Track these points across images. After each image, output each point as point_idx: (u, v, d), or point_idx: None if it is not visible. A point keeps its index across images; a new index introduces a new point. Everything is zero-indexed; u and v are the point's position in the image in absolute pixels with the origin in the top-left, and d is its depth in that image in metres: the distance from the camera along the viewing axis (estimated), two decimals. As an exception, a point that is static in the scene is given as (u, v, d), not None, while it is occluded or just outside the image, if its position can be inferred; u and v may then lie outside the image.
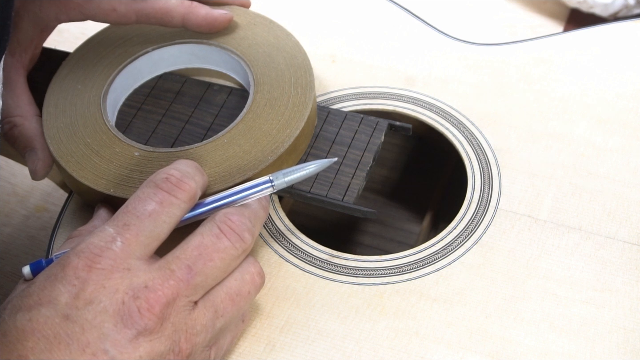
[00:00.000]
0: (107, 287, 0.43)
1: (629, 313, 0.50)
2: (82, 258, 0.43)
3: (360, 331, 0.49)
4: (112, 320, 0.43)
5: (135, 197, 0.46)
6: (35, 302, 0.43)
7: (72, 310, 0.42)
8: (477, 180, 0.57)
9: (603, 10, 0.71)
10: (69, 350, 0.42)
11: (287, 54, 0.59)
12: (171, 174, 0.47)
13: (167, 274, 0.44)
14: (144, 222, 0.45)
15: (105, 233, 0.44)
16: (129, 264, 0.44)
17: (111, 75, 0.60)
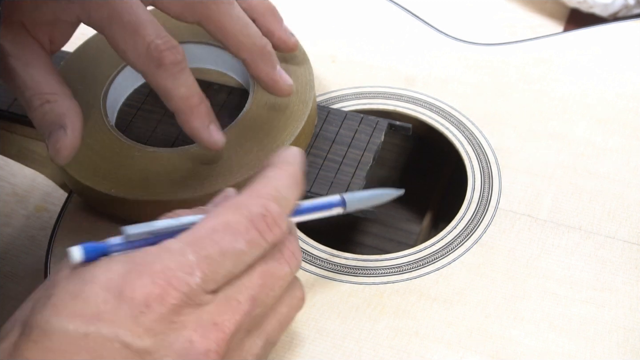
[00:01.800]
0: (175, 322, 0.40)
1: (629, 312, 0.50)
2: (157, 286, 0.39)
3: (360, 331, 0.49)
4: (175, 356, 0.40)
5: (224, 225, 0.41)
6: (94, 315, 0.39)
7: (133, 339, 0.39)
8: (477, 180, 0.57)
9: (603, 10, 0.71)
10: None
11: (287, 54, 0.59)
12: (270, 211, 0.42)
13: (233, 306, 0.41)
14: (226, 261, 0.41)
15: (186, 261, 0.40)
16: (200, 299, 0.40)
17: (111, 75, 0.60)
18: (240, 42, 0.54)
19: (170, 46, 0.50)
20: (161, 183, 0.54)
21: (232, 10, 0.54)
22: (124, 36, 0.50)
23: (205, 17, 0.53)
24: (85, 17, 0.51)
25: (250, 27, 0.55)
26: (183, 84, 0.51)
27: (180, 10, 0.53)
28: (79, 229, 0.55)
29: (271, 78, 0.56)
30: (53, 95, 0.51)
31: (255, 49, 0.55)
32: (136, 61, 0.50)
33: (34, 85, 0.51)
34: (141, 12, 0.50)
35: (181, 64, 0.50)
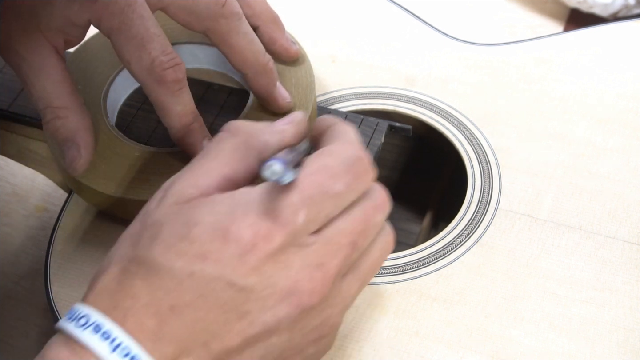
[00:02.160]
0: (280, 261, 0.40)
1: (629, 312, 0.50)
2: (263, 225, 0.40)
3: (360, 330, 0.49)
4: (279, 296, 0.40)
5: (324, 167, 0.42)
6: (201, 255, 0.40)
7: (239, 277, 0.40)
8: (477, 180, 0.57)
9: (603, 10, 0.71)
10: (226, 315, 0.40)
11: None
12: (363, 157, 0.43)
13: (335, 250, 0.41)
14: (327, 202, 0.41)
15: (291, 201, 0.40)
16: (303, 240, 0.41)
17: (111, 76, 0.60)
18: (245, 58, 0.55)
19: (174, 64, 0.51)
20: (161, 184, 0.53)
21: (240, 27, 0.54)
22: (130, 47, 0.51)
23: (213, 30, 0.54)
24: (95, 22, 0.51)
25: (256, 43, 0.55)
26: (180, 102, 0.52)
27: (188, 19, 0.54)
28: (79, 229, 0.55)
29: (270, 94, 0.56)
30: (64, 110, 0.53)
31: (257, 66, 0.55)
32: (139, 73, 0.51)
33: (46, 96, 0.52)
34: (150, 25, 0.51)
35: (181, 82, 0.52)
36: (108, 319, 0.39)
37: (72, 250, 0.54)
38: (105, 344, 0.39)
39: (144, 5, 0.51)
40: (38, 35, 0.52)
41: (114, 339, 0.39)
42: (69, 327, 0.40)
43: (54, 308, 0.52)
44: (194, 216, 0.41)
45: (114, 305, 0.40)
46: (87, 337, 0.39)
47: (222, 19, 0.53)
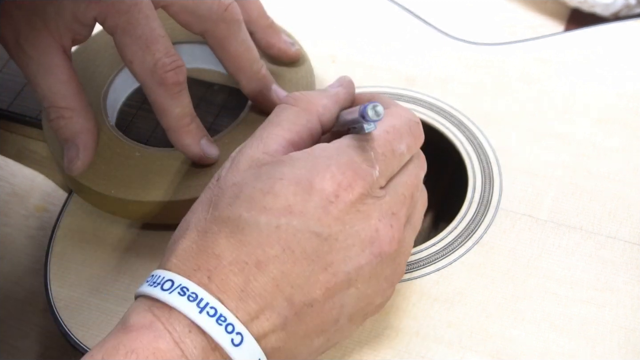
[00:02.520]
0: (361, 211, 0.43)
1: (629, 313, 0.50)
2: (346, 176, 0.42)
3: (360, 331, 0.49)
4: (361, 245, 0.42)
5: (393, 127, 0.45)
6: (285, 208, 0.41)
7: (323, 228, 0.42)
8: (477, 180, 0.56)
9: (604, 9, 0.71)
10: (311, 267, 0.41)
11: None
12: (418, 122, 0.47)
13: (401, 201, 0.45)
14: (393, 161, 0.45)
15: (368, 156, 0.43)
16: (376, 192, 0.44)
17: (111, 76, 0.60)
18: (239, 65, 0.55)
19: (176, 66, 0.51)
20: (161, 184, 0.54)
21: (239, 34, 0.55)
22: (134, 48, 0.51)
23: (211, 33, 0.55)
24: (101, 20, 0.52)
25: (251, 51, 0.56)
26: (179, 104, 0.52)
27: (188, 20, 0.54)
28: (79, 229, 0.55)
29: (265, 100, 0.57)
30: (68, 110, 0.53)
31: (251, 73, 0.56)
32: (140, 73, 0.52)
33: (52, 96, 0.53)
34: (156, 26, 0.51)
35: (182, 85, 0.52)
36: (192, 281, 0.40)
37: (72, 250, 0.54)
38: (193, 305, 0.40)
39: (149, 5, 0.51)
40: (46, 34, 0.52)
41: (201, 300, 0.40)
42: (154, 292, 0.41)
43: (54, 308, 0.51)
44: (275, 173, 0.43)
45: (198, 266, 0.41)
46: (174, 299, 0.40)
47: (223, 23, 0.54)
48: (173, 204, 0.53)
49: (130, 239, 0.55)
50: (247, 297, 0.40)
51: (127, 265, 0.53)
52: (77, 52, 0.61)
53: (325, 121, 0.48)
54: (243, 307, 0.40)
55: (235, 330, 0.40)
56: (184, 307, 0.40)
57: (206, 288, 0.40)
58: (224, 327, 0.40)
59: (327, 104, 0.48)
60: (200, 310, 0.39)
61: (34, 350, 0.63)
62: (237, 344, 0.40)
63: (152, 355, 0.39)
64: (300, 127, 0.46)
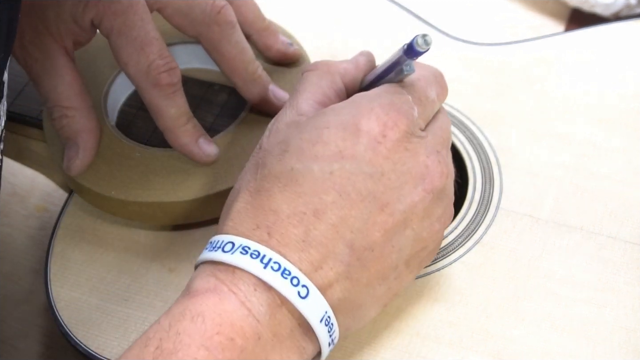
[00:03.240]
0: (409, 149, 0.44)
1: (630, 313, 0.50)
2: (390, 116, 0.43)
3: (361, 331, 0.49)
4: (413, 182, 0.43)
5: (423, 76, 0.47)
6: (336, 154, 0.42)
7: (375, 168, 0.42)
8: (478, 180, 0.56)
9: (604, 9, 0.71)
10: (368, 209, 0.42)
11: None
12: (442, 73, 0.49)
13: (441, 141, 0.46)
14: (428, 105, 0.46)
15: (407, 98, 0.45)
16: (420, 132, 0.45)
17: (111, 76, 0.60)
18: (234, 67, 0.56)
19: (169, 68, 0.52)
20: (162, 184, 0.53)
21: (233, 36, 0.55)
22: (128, 49, 0.52)
23: (205, 37, 0.55)
24: (97, 21, 0.52)
25: (246, 53, 0.56)
26: (174, 105, 0.53)
27: (182, 22, 0.55)
28: (79, 229, 0.55)
29: (263, 100, 0.57)
30: (71, 110, 0.54)
31: (246, 75, 0.56)
32: (135, 75, 0.52)
33: (56, 96, 0.53)
34: (150, 29, 0.52)
35: (176, 86, 0.53)
36: (252, 239, 0.41)
37: (72, 250, 0.54)
38: (256, 262, 0.40)
39: (145, 8, 0.52)
40: (48, 37, 0.53)
41: (264, 256, 0.40)
42: (216, 256, 0.41)
43: (54, 308, 0.51)
44: (320, 123, 0.43)
45: (256, 225, 0.41)
46: (237, 259, 0.40)
47: (216, 26, 0.54)
48: (174, 204, 0.53)
49: (130, 239, 0.55)
50: (308, 246, 0.41)
51: (127, 265, 0.53)
52: (77, 52, 0.61)
53: (347, 82, 0.49)
54: (306, 257, 0.41)
55: (300, 283, 0.40)
56: (248, 264, 0.40)
57: (267, 244, 0.41)
58: (289, 281, 0.40)
59: (347, 67, 0.49)
60: (265, 266, 0.40)
61: (34, 350, 0.63)
62: (304, 296, 0.40)
63: (218, 317, 0.39)
64: (326, 87, 0.48)
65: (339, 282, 0.42)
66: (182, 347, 0.38)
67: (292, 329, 0.41)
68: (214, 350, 0.38)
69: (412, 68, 0.44)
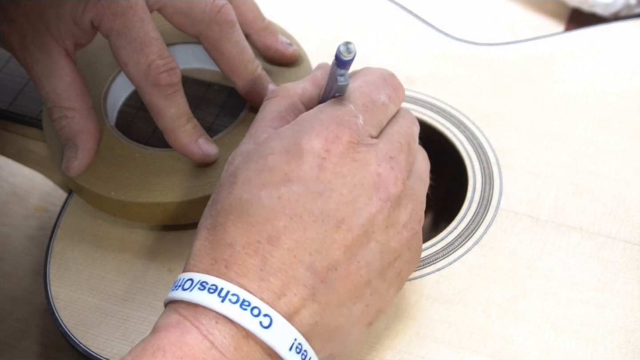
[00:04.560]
0: (357, 160, 0.43)
1: (630, 313, 0.50)
2: (330, 130, 0.43)
3: (360, 331, 0.49)
4: (367, 193, 0.42)
5: (367, 82, 0.46)
6: (282, 178, 0.42)
7: (324, 186, 0.42)
8: (477, 180, 0.56)
9: (604, 9, 0.71)
10: (324, 228, 0.41)
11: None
12: (392, 73, 0.48)
13: (397, 146, 0.45)
14: (377, 110, 0.45)
15: (348, 108, 0.44)
16: (369, 140, 0.44)
17: (111, 76, 0.60)
18: (234, 66, 0.56)
19: (169, 68, 0.52)
20: (161, 185, 0.53)
21: (232, 35, 0.55)
22: (128, 50, 0.52)
23: (205, 36, 0.55)
24: (97, 22, 0.52)
25: (246, 52, 0.56)
26: (174, 105, 0.53)
27: (183, 22, 0.55)
28: (79, 229, 0.55)
29: (263, 99, 0.56)
30: (71, 110, 0.54)
31: (246, 74, 0.56)
32: (135, 75, 0.52)
33: (56, 97, 0.53)
34: (150, 29, 0.52)
35: (176, 86, 0.52)
36: (211, 274, 0.40)
37: (71, 251, 0.54)
38: (214, 296, 0.39)
39: (144, 8, 0.52)
40: (49, 38, 0.53)
41: (221, 289, 0.39)
42: (176, 295, 0.41)
43: (53, 308, 0.51)
44: (265, 150, 0.43)
45: (214, 260, 0.41)
46: (195, 295, 0.40)
47: (215, 25, 0.54)
48: (174, 205, 0.53)
49: (130, 239, 0.55)
50: (267, 275, 0.40)
51: (127, 265, 0.53)
52: (77, 52, 0.61)
53: (306, 100, 0.49)
54: (266, 286, 0.40)
55: (262, 313, 0.39)
56: (205, 299, 0.39)
57: (225, 277, 0.40)
58: (249, 312, 0.39)
59: (305, 86, 0.49)
60: (222, 300, 0.39)
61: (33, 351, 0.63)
62: (267, 326, 0.39)
63: (179, 350, 0.39)
64: (284, 112, 0.47)
65: (307, 307, 0.41)
66: None
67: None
68: None
69: (346, 79, 0.43)
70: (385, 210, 0.42)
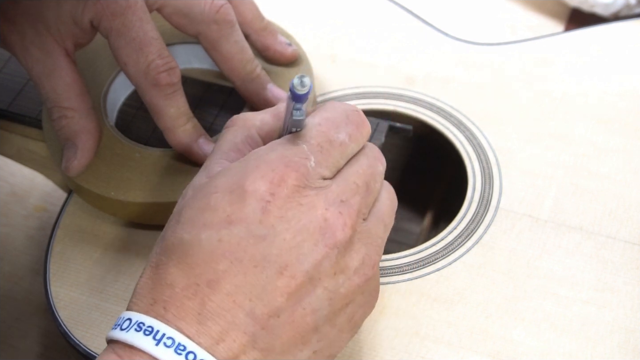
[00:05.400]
0: (304, 204, 0.41)
1: (630, 313, 0.50)
2: (276, 172, 0.41)
3: (360, 331, 0.49)
4: (312, 239, 0.41)
5: (326, 119, 0.44)
6: (223, 219, 0.40)
7: (267, 230, 0.40)
8: (477, 180, 0.56)
9: (604, 9, 0.71)
10: (265, 274, 0.40)
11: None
12: (358, 110, 0.46)
13: (352, 189, 0.43)
14: (334, 150, 0.43)
15: (299, 149, 0.42)
16: (319, 182, 0.42)
17: (111, 76, 0.60)
18: (233, 66, 0.56)
19: (169, 68, 0.52)
20: (161, 185, 0.53)
21: (232, 35, 0.55)
22: (128, 50, 0.52)
23: (204, 36, 0.55)
24: (96, 22, 0.52)
25: (245, 52, 0.56)
26: (174, 104, 0.53)
27: (182, 22, 0.55)
28: (78, 229, 0.55)
29: (261, 100, 0.57)
30: (70, 110, 0.54)
31: (245, 74, 0.56)
32: (134, 75, 0.52)
33: (55, 97, 0.54)
34: (149, 29, 0.52)
35: (175, 86, 0.52)
36: (150, 315, 0.39)
37: (71, 251, 0.54)
38: (149, 338, 0.39)
39: (143, 8, 0.52)
40: (49, 38, 0.53)
41: (157, 332, 0.39)
42: (114, 334, 0.40)
43: (53, 308, 0.51)
44: (210, 188, 0.42)
45: (154, 300, 0.40)
46: (130, 336, 0.39)
47: (215, 24, 0.54)
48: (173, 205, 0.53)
49: (131, 239, 0.55)
50: (205, 319, 0.39)
51: (127, 265, 0.53)
52: (77, 52, 0.61)
53: (264, 134, 0.47)
54: (204, 330, 0.39)
55: (197, 358, 0.38)
56: (140, 341, 0.39)
57: (163, 319, 0.39)
58: (184, 356, 0.38)
59: (265, 117, 0.47)
60: (157, 343, 0.38)
61: (33, 351, 0.63)
62: None
63: None
64: (240, 143, 0.46)
65: (247, 354, 0.39)
66: None
67: None
68: None
69: (302, 114, 0.41)
70: (333, 256, 0.41)
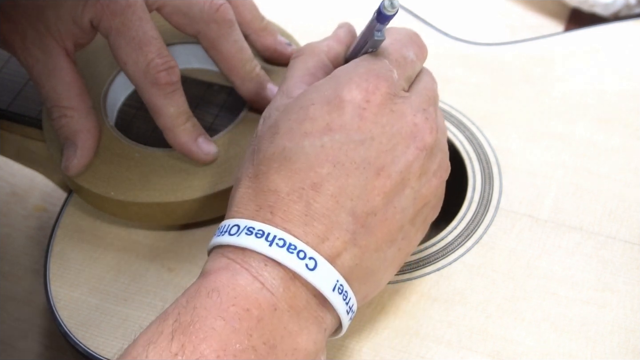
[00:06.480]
0: (395, 110, 0.44)
1: (630, 313, 0.50)
2: (369, 82, 0.44)
3: (360, 331, 0.49)
4: (404, 142, 0.44)
5: (396, 39, 0.48)
6: (324, 127, 0.43)
7: (365, 135, 0.43)
8: (477, 180, 0.56)
9: (604, 9, 0.71)
10: (365, 175, 0.43)
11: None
12: (417, 34, 0.50)
13: (427, 99, 0.47)
14: (407, 66, 0.47)
15: (382, 62, 0.46)
16: (402, 93, 0.46)
17: (111, 75, 0.60)
18: (232, 65, 0.56)
19: (168, 67, 0.52)
20: (161, 184, 0.53)
21: (231, 34, 0.55)
22: (127, 49, 0.52)
23: (203, 34, 0.55)
24: (96, 22, 0.53)
25: (244, 51, 0.56)
26: (173, 103, 0.53)
27: (181, 21, 0.55)
28: (78, 229, 0.55)
29: (261, 99, 0.57)
30: (70, 110, 0.54)
31: (244, 74, 0.56)
32: (134, 74, 0.52)
33: (55, 96, 0.54)
34: (148, 28, 0.52)
35: (175, 85, 0.53)
36: (257, 220, 0.42)
37: (71, 250, 0.54)
38: (261, 240, 0.41)
39: (143, 7, 0.52)
40: (49, 38, 0.53)
41: (268, 234, 0.41)
42: (223, 239, 0.42)
43: (53, 308, 0.51)
44: (305, 101, 0.45)
45: (259, 206, 0.43)
46: (243, 240, 0.41)
47: (214, 24, 0.54)
48: (174, 205, 0.53)
49: (130, 239, 0.55)
50: (311, 220, 0.42)
51: (127, 265, 0.53)
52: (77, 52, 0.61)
53: (332, 57, 0.50)
54: (310, 230, 0.42)
55: (307, 256, 0.41)
56: (254, 244, 0.41)
57: (271, 222, 0.42)
58: (295, 255, 0.41)
59: (330, 43, 0.51)
60: (270, 244, 0.41)
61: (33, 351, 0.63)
62: (312, 268, 0.41)
63: (232, 290, 0.40)
64: (312, 68, 0.49)
65: (347, 251, 0.42)
66: (199, 318, 0.39)
67: (307, 301, 0.42)
68: (230, 320, 0.39)
69: (382, 34, 0.45)
70: (421, 158, 0.45)
